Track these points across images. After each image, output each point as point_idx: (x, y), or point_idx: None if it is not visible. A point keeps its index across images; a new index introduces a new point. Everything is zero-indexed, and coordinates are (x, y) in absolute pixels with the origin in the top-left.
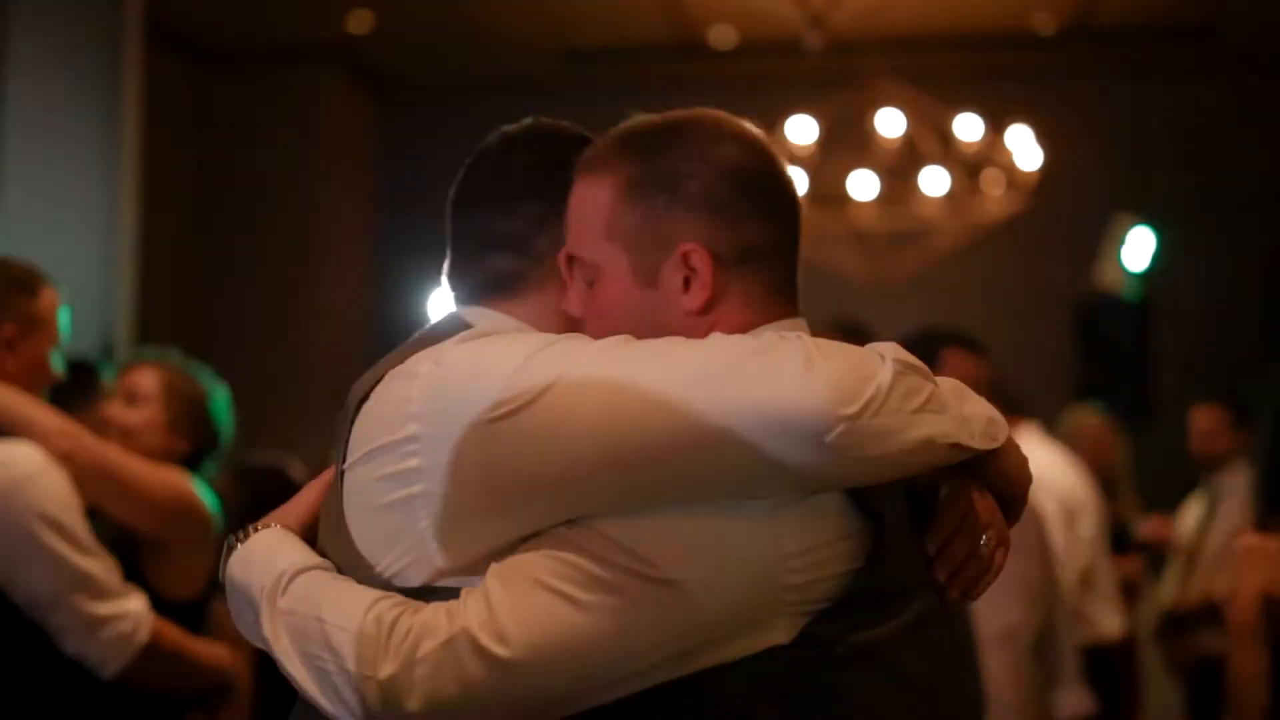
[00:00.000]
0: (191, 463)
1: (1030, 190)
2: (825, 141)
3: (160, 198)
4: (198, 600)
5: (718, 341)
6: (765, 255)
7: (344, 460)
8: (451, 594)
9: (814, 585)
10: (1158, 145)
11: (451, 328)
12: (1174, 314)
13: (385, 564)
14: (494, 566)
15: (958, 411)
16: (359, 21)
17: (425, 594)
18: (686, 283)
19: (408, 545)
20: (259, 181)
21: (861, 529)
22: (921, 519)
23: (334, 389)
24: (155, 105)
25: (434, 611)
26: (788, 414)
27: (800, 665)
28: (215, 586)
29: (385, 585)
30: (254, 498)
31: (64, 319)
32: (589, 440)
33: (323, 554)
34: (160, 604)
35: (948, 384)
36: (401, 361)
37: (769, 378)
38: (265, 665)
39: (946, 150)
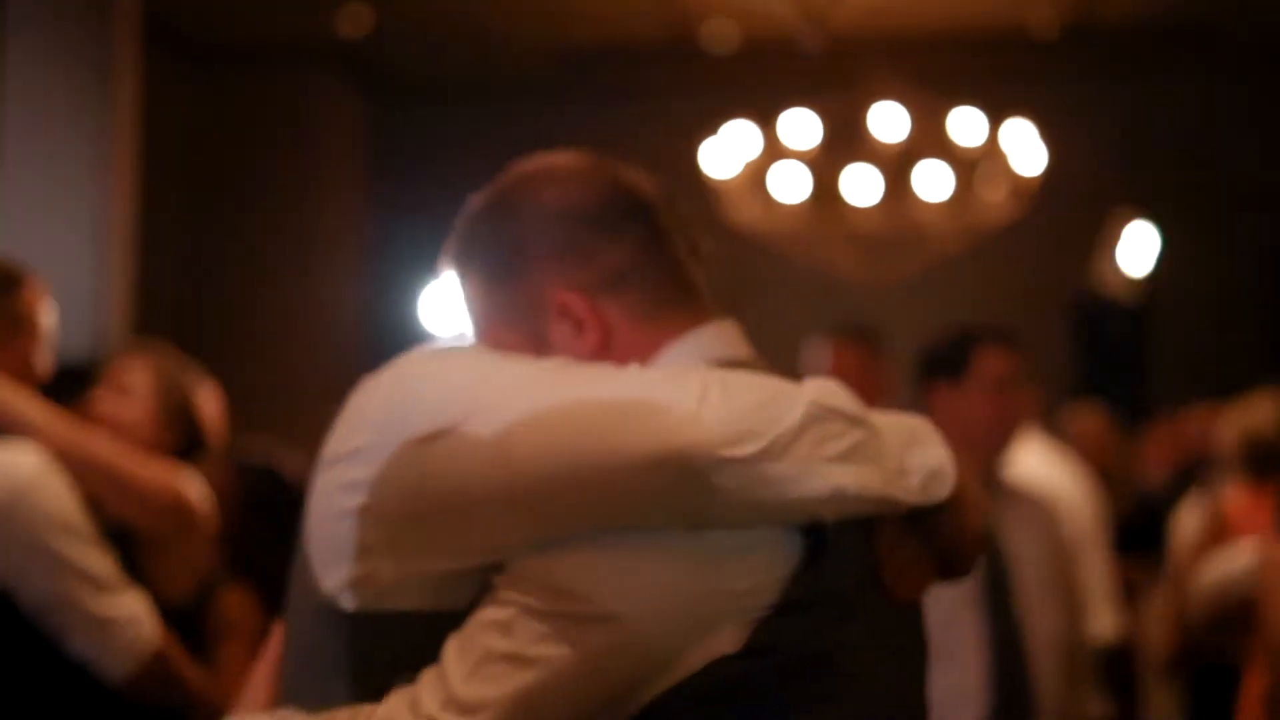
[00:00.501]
0: (180, 458)
1: (1031, 192)
2: (824, 142)
3: (157, 196)
4: (192, 605)
5: (627, 374)
6: (635, 270)
7: None
8: (402, 621)
9: (758, 590)
10: (1158, 146)
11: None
12: (1173, 315)
13: (338, 576)
14: (449, 642)
15: (897, 462)
16: (357, 22)
17: (377, 620)
18: (579, 328)
19: (356, 557)
20: (255, 180)
21: (802, 527)
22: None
23: (327, 388)
24: (152, 103)
25: (395, 705)
26: (671, 452)
27: (749, 674)
28: (210, 588)
29: (338, 600)
30: (248, 497)
31: (49, 316)
32: (501, 470)
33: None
34: (157, 608)
35: (902, 428)
36: None
37: (658, 414)
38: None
39: (946, 151)
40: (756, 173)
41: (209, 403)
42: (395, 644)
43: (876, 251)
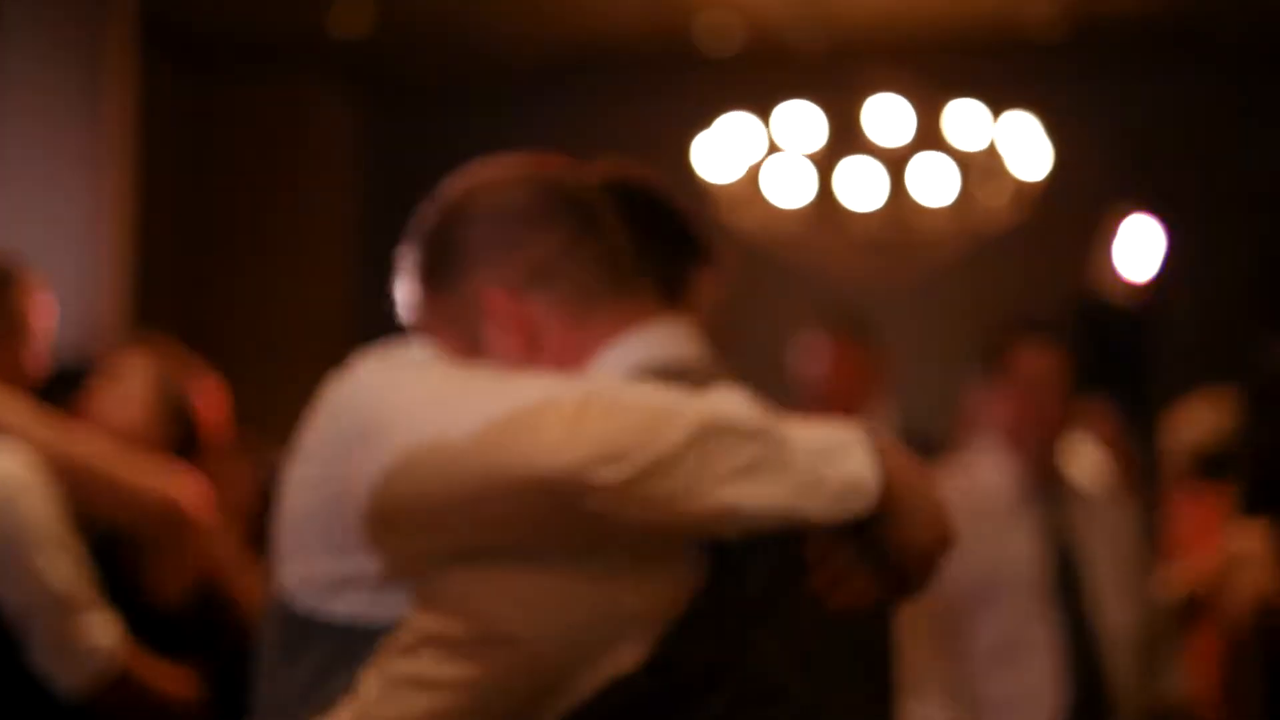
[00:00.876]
0: (179, 455)
1: (1034, 194)
2: (824, 145)
3: (153, 192)
4: (190, 607)
5: (521, 387)
6: (562, 263)
7: None
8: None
9: (659, 605)
10: (1162, 147)
11: None
12: (1177, 315)
13: (292, 571)
14: (365, 669)
15: (810, 475)
16: (351, 23)
17: (318, 626)
18: (504, 327)
19: (303, 554)
20: (250, 177)
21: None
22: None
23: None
24: (147, 99)
25: None
26: (536, 477)
27: (652, 691)
28: (206, 595)
29: (288, 595)
30: (260, 490)
31: (45, 314)
32: (391, 487)
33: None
34: (142, 616)
35: (820, 440)
36: None
37: (527, 437)
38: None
39: (948, 154)
40: (754, 175)
41: (210, 397)
42: (322, 651)
43: (878, 255)
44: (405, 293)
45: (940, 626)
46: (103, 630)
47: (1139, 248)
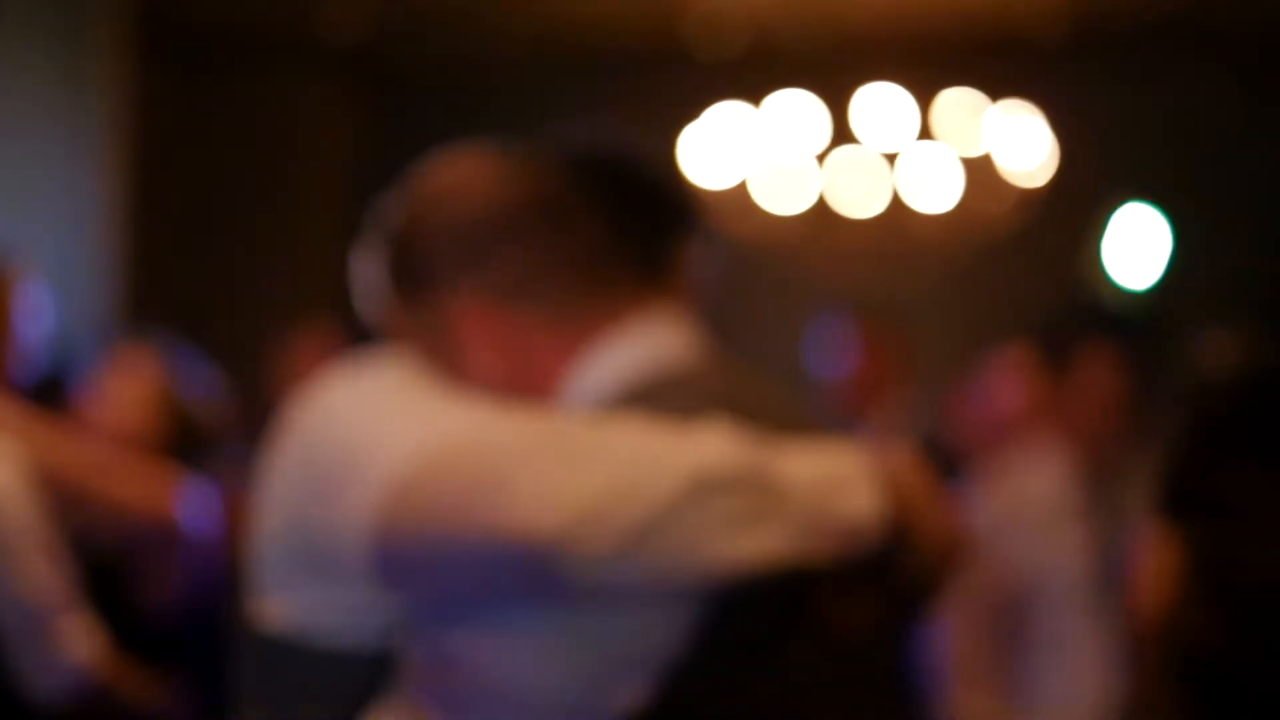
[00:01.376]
0: (180, 454)
1: (1036, 196)
2: (822, 148)
3: (149, 192)
4: (188, 615)
5: (496, 428)
6: (541, 269)
7: None
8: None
9: (660, 645)
10: (1162, 146)
11: None
12: (1178, 316)
13: (270, 594)
14: None
15: (812, 517)
16: (348, 24)
17: (280, 644)
18: (479, 343)
19: (281, 579)
20: (248, 177)
21: None
22: None
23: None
24: (145, 100)
25: None
26: (512, 540)
27: None
28: (204, 607)
29: (270, 620)
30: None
31: (31, 312)
32: (389, 525)
33: None
34: (129, 625)
35: (823, 476)
36: None
37: (504, 495)
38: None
39: (948, 156)
40: (750, 181)
41: (211, 394)
42: (300, 674)
43: (874, 257)
44: (373, 296)
45: (993, 624)
46: (82, 637)
47: (1138, 248)
